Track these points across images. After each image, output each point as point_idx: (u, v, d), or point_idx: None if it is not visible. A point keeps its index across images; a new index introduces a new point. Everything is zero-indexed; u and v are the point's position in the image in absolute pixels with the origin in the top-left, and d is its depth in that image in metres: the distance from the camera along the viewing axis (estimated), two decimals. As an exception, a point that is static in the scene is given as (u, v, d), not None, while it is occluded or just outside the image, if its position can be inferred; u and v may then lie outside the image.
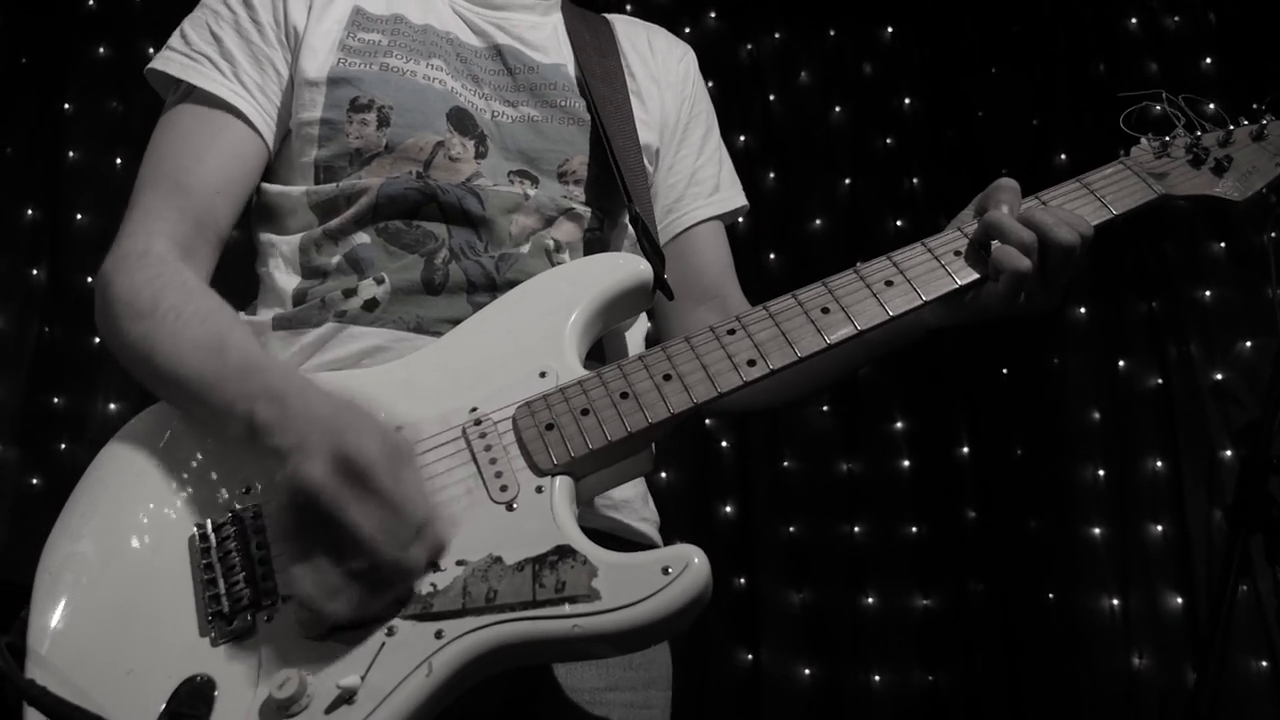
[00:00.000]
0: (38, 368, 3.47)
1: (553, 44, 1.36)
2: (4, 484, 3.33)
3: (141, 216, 1.16)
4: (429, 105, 1.22)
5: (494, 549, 0.94)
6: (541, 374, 1.06)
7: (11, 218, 3.61)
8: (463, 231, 1.19)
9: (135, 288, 1.10)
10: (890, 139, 3.89)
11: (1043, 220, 1.05)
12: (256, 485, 1.03)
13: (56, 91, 3.74)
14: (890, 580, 3.40)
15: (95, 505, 1.05)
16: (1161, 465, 3.35)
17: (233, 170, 1.20)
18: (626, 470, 1.07)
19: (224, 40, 1.22)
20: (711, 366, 1.05)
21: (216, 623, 0.95)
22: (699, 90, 1.46)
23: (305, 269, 1.21)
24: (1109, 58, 3.88)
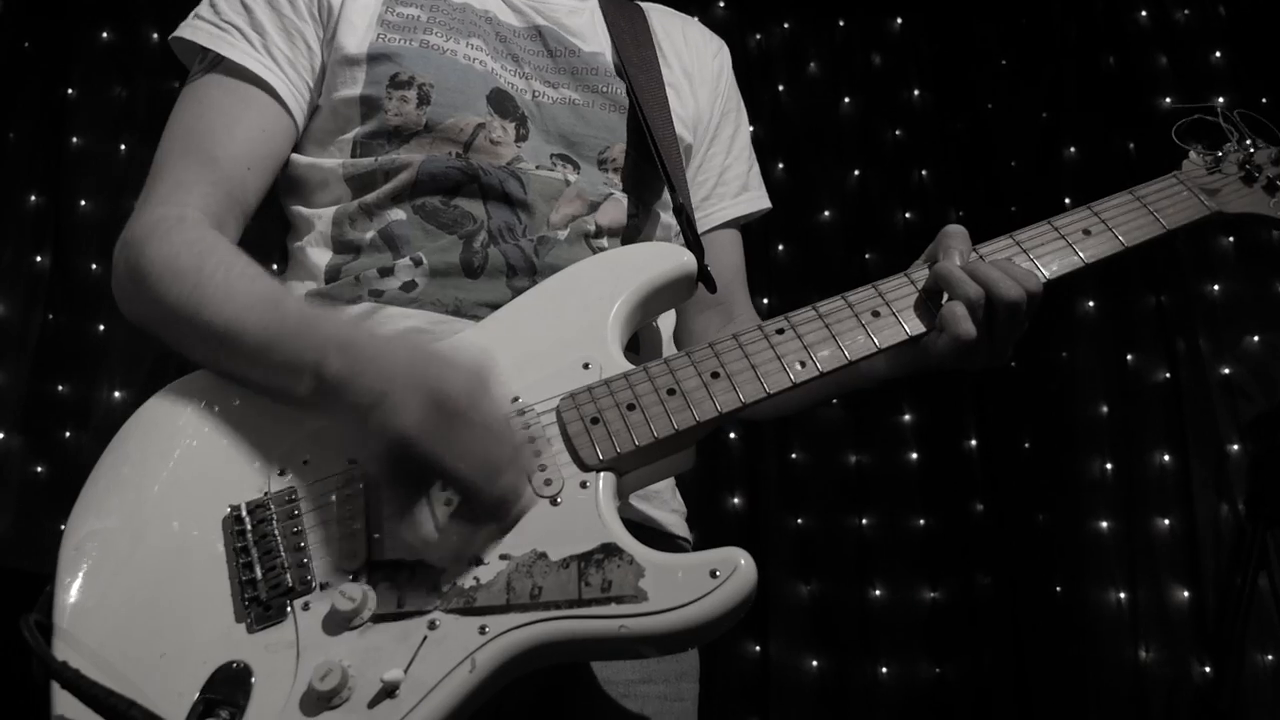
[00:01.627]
0: (42, 355, 3.45)
1: (590, 31, 1.34)
2: (8, 472, 3.32)
3: (173, 187, 1.13)
4: (470, 86, 1.21)
5: (538, 544, 0.93)
6: (585, 365, 1.04)
7: (15, 204, 3.58)
8: (502, 213, 1.17)
9: (174, 250, 1.06)
10: (899, 131, 3.88)
11: (989, 275, 1.03)
12: (290, 467, 1.01)
13: (60, 77, 3.71)
14: (898, 572, 3.40)
15: (121, 482, 1.02)
16: (1170, 459, 3.34)
17: (261, 146, 1.18)
18: (667, 467, 1.06)
19: (255, 11, 1.20)
20: (761, 366, 1.03)
21: (253, 609, 0.93)
22: (731, 87, 1.45)
23: (338, 243, 1.19)
24: (1118, 51, 3.86)
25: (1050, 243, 1.12)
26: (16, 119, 3.65)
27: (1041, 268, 1.09)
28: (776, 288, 3.60)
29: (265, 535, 0.96)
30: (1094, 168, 3.72)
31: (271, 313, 1.01)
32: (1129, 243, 1.12)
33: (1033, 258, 1.10)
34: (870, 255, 3.72)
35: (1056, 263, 1.10)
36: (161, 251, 1.06)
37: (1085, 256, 1.11)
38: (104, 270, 3.56)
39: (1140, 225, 1.13)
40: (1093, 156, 3.76)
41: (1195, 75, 3.83)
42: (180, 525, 0.99)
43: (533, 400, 1.02)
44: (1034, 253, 1.11)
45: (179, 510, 1.00)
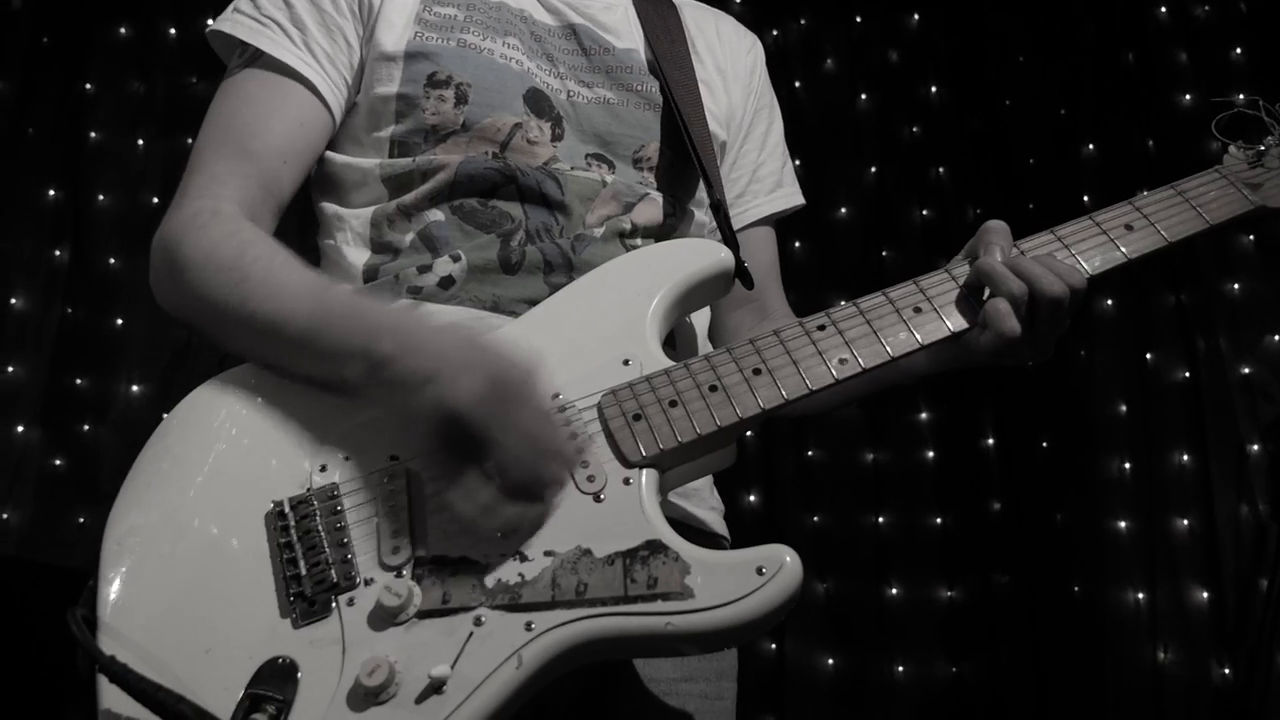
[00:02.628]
0: (60, 349, 3.47)
1: (625, 28, 1.34)
2: (27, 465, 3.34)
3: (208, 180, 1.13)
4: (507, 86, 1.21)
5: (582, 541, 0.93)
6: (625, 361, 1.04)
7: (34, 198, 3.61)
8: (539, 213, 1.18)
9: (214, 242, 1.06)
10: (916, 127, 3.86)
11: (1032, 271, 1.02)
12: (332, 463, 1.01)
13: (78, 72, 3.73)
14: (915, 571, 3.39)
15: (162, 476, 1.02)
16: (1189, 459, 3.33)
17: (298, 140, 1.18)
18: (709, 464, 1.06)
19: (296, 7, 1.20)
20: (803, 363, 1.03)
21: (298, 604, 0.93)
22: (764, 83, 1.45)
23: (376, 244, 1.19)
24: (1138, 47, 3.84)
25: (1092, 238, 1.11)
26: (35, 114, 3.67)
27: (1084, 264, 1.08)
28: (794, 285, 3.55)
29: (309, 531, 0.96)
30: (1113, 165, 3.70)
31: (317, 300, 1.01)
32: (1172, 238, 1.12)
33: (1075, 253, 1.09)
34: (887, 252, 3.71)
35: (1099, 258, 1.09)
36: (201, 244, 1.07)
37: (1128, 251, 1.10)
38: (122, 264, 3.58)
39: (1183, 220, 1.12)
40: (1112, 154, 3.74)
41: (1215, 72, 3.81)
42: (223, 520, 0.99)
43: (574, 397, 1.02)
44: (1075, 248, 1.10)
45: (221, 505, 1.00)
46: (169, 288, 1.10)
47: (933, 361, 1.12)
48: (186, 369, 3.38)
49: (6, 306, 3.48)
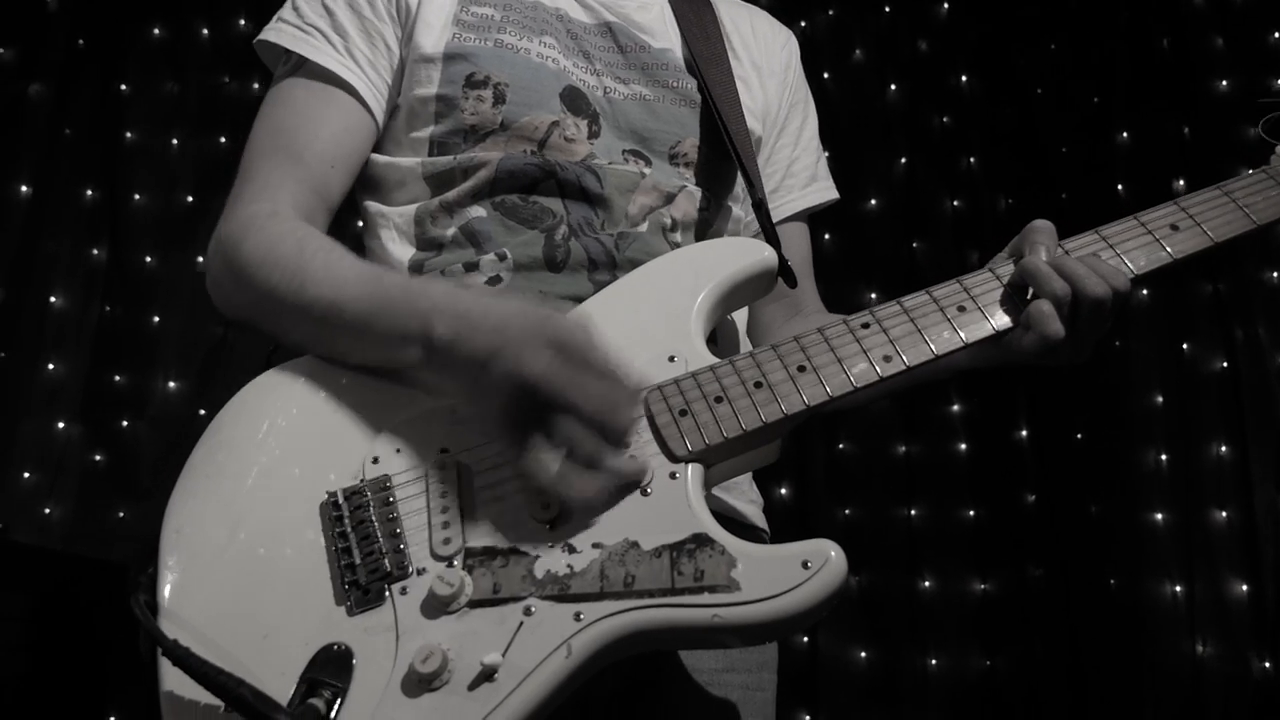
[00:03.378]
0: (99, 346, 3.53)
1: (660, 27, 1.34)
2: (69, 460, 3.40)
3: (262, 186, 1.15)
4: (543, 84, 1.22)
5: (630, 533, 0.94)
6: (671, 358, 1.04)
7: (73, 198, 3.67)
8: (579, 208, 1.19)
9: (273, 240, 1.09)
10: (947, 118, 3.84)
11: (1075, 271, 1.01)
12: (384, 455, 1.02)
13: (114, 73, 3.79)
14: (948, 564, 3.39)
15: (219, 467, 1.04)
16: (1227, 450, 3.29)
17: (345, 144, 1.20)
18: (753, 460, 1.06)
19: (336, 14, 1.22)
20: (847, 360, 1.03)
21: (352, 592, 0.94)
22: (799, 78, 1.45)
23: (420, 240, 1.21)
24: (1173, 32, 3.79)
25: (1137, 238, 1.10)
26: (73, 115, 3.73)
27: (1129, 263, 1.07)
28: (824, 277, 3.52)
29: (362, 521, 0.98)
30: (1147, 153, 3.65)
31: (374, 285, 1.03)
32: (1218, 238, 1.10)
33: (1120, 253, 1.07)
34: (918, 244, 3.69)
35: (1144, 258, 1.08)
36: (260, 243, 1.09)
37: (1173, 251, 1.09)
38: (158, 262, 3.63)
39: (1229, 221, 1.11)
40: (1146, 142, 3.69)
41: (1253, 56, 3.75)
42: (278, 510, 1.01)
43: None
44: (1121, 248, 1.08)
45: (276, 496, 1.01)
46: (230, 289, 1.13)
47: (973, 359, 1.11)
48: (222, 365, 3.44)
49: (47, 305, 3.54)
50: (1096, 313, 1.01)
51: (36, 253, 3.58)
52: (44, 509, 3.32)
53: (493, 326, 0.94)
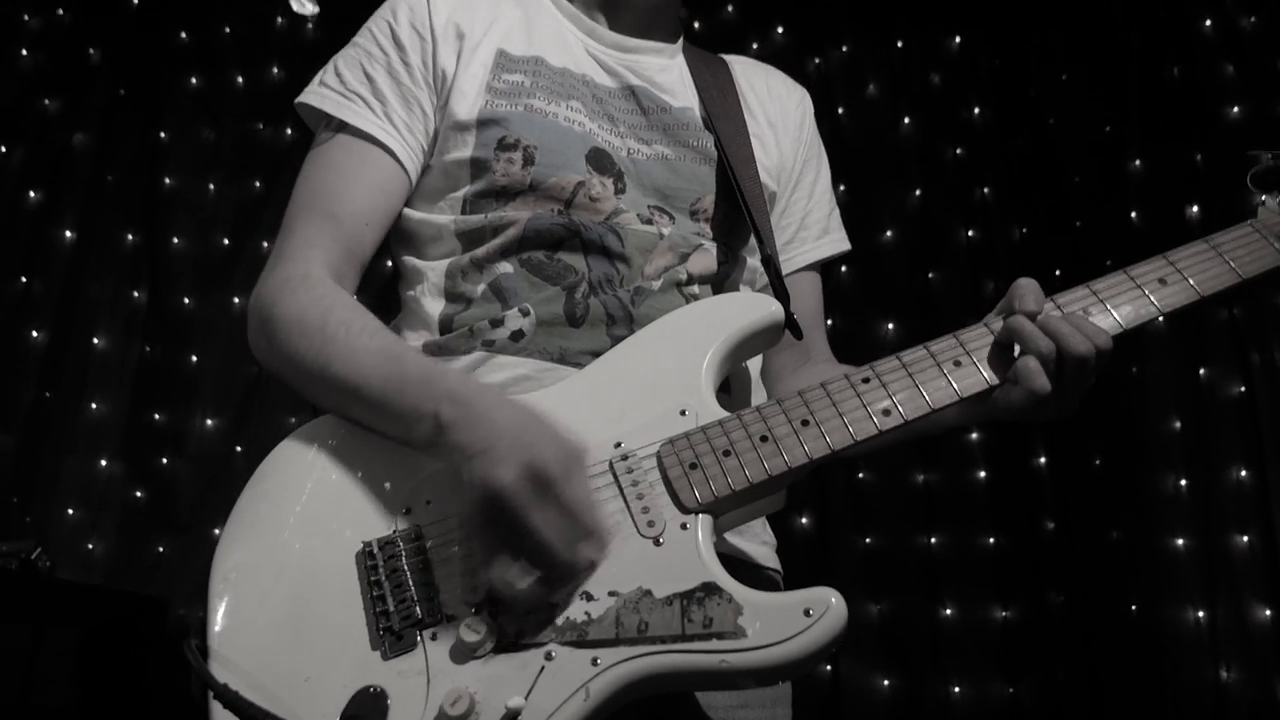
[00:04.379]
0: (139, 386, 3.66)
1: (680, 87, 1.41)
2: (110, 497, 3.51)
3: (300, 244, 1.23)
4: (570, 146, 1.28)
5: (643, 582, 1.00)
6: (682, 412, 1.10)
7: (114, 243, 3.81)
8: (601, 265, 1.25)
9: (303, 308, 1.15)
10: (960, 149, 3.89)
11: (1060, 329, 1.06)
12: (415, 507, 1.09)
13: (153, 121, 3.95)
14: (969, 591, 3.41)
15: (261, 518, 1.10)
16: (1246, 474, 3.29)
17: (379, 203, 1.27)
18: (760, 508, 1.12)
19: (376, 80, 1.29)
20: (848, 414, 1.09)
21: (386, 638, 1.01)
22: (813, 135, 1.51)
23: (450, 294, 1.28)
24: (1183, 60, 3.81)
25: (1127, 292, 1.14)
26: (114, 163, 3.89)
27: (1119, 318, 1.12)
28: (840, 309, 3.64)
29: (396, 570, 1.04)
30: (1160, 181, 3.67)
31: (393, 366, 1.10)
32: (1205, 292, 1.14)
33: (1109, 307, 1.12)
34: (934, 275, 3.74)
35: (1134, 312, 1.13)
36: (291, 308, 1.16)
37: (1161, 306, 1.13)
38: (196, 304, 3.76)
39: (1216, 274, 1.14)
40: (1159, 169, 3.71)
41: (1264, 83, 3.76)
42: (318, 559, 1.07)
43: (635, 446, 1.09)
44: (1110, 302, 1.13)
45: (316, 545, 1.08)
46: (264, 345, 1.19)
47: (961, 415, 1.16)
48: (258, 403, 3.54)
49: (90, 346, 3.68)
50: (1080, 369, 1.06)
51: (80, 296, 3.72)
52: (87, 545, 3.44)
53: (487, 429, 1.00)
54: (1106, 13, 3.91)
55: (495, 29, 1.35)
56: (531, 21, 1.39)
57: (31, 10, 4.11)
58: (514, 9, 1.39)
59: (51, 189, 3.86)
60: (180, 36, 4.07)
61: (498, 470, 0.96)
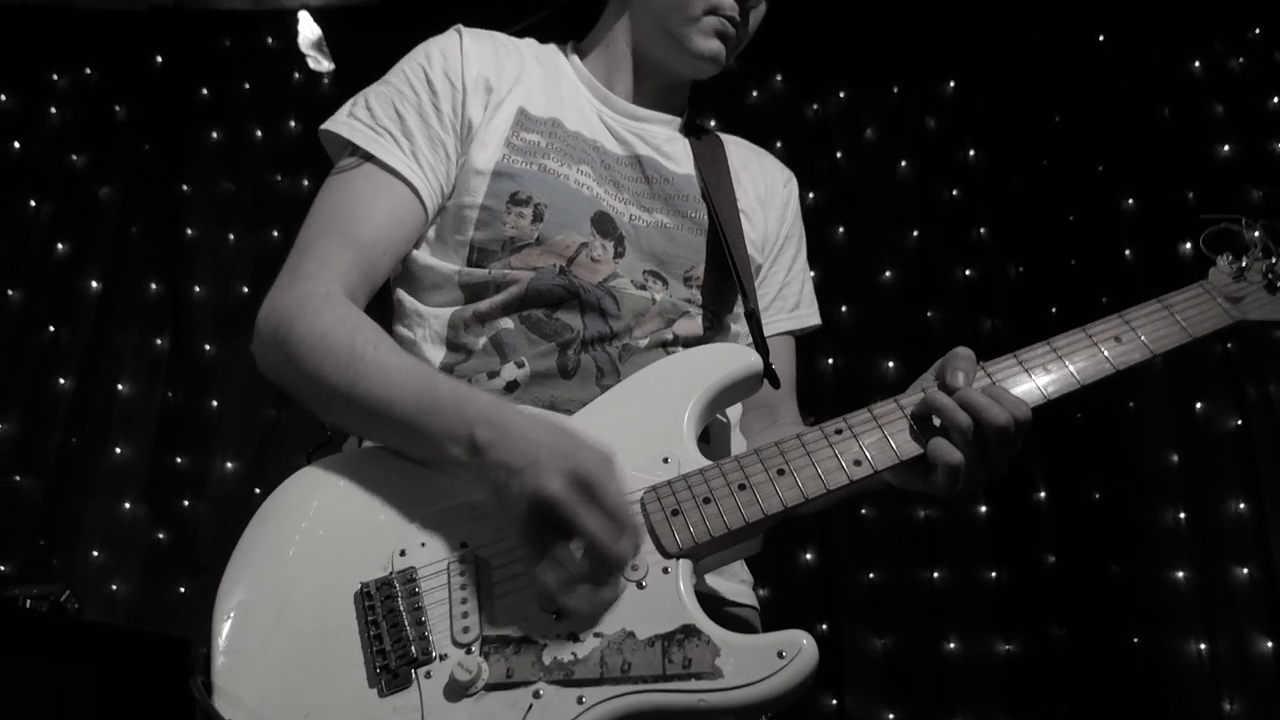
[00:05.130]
0: (162, 430, 3.77)
1: (682, 158, 1.50)
2: (134, 539, 3.62)
3: (318, 264, 1.26)
4: (577, 208, 1.37)
5: (626, 624, 1.07)
6: (665, 460, 1.17)
7: (138, 292, 3.95)
8: (596, 324, 1.33)
9: (327, 325, 1.18)
10: (956, 190, 3.96)
11: (978, 402, 1.10)
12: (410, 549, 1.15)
13: (176, 174, 4.10)
14: (971, 625, 3.43)
15: (264, 559, 1.16)
16: (1245, 507, 3.34)
17: (398, 235, 1.34)
18: (738, 552, 1.19)
19: (407, 119, 1.34)
20: (822, 464, 1.15)
21: (383, 676, 1.06)
22: (796, 215, 1.61)
23: (451, 344, 1.34)
24: (1173, 101, 3.91)
25: (1084, 349, 1.20)
26: (139, 214, 4.05)
27: (1043, 387, 1.17)
28: (840, 348, 3.72)
29: (392, 610, 1.10)
30: (1153, 219, 3.75)
31: (425, 386, 1.13)
32: (1156, 350, 1.19)
33: (1033, 376, 1.18)
34: (932, 313, 3.80)
35: (1091, 368, 1.18)
36: (315, 326, 1.18)
37: (1116, 363, 1.19)
38: (216, 351, 3.88)
39: (1167, 333, 1.20)
40: (1151, 207, 3.79)
41: (1253, 121, 3.85)
42: (317, 598, 1.13)
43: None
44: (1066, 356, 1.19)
45: (315, 585, 1.14)
46: (279, 359, 1.21)
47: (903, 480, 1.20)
48: (275, 447, 3.64)
49: (115, 392, 3.80)
50: (1001, 438, 1.11)
51: (105, 343, 3.86)
52: (111, 585, 3.53)
53: (526, 445, 1.06)
54: (1096, 57, 4.01)
55: (519, 87, 1.43)
56: (552, 84, 1.47)
57: (60, 69, 4.30)
58: (537, 68, 1.47)
59: (79, 241, 4.02)
60: (202, 93, 4.23)
61: (544, 480, 1.02)
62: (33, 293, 3.95)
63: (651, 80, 1.51)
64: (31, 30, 4.30)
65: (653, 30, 1.47)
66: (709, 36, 1.44)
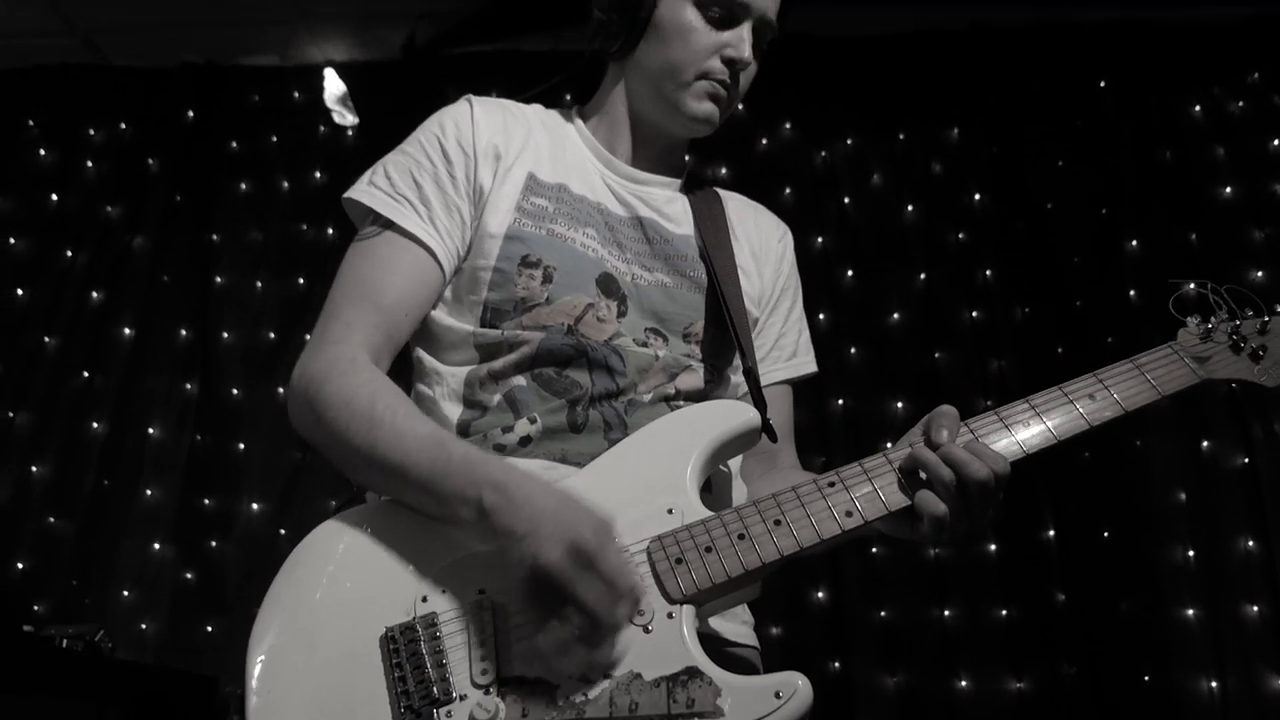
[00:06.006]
0: (191, 472, 3.87)
1: (681, 218, 1.59)
2: (163, 579, 3.71)
3: (344, 328, 1.33)
4: (583, 270, 1.45)
5: (634, 666, 1.15)
6: (669, 510, 1.25)
7: (169, 338, 4.08)
8: (603, 380, 1.41)
9: (351, 390, 1.26)
10: (962, 234, 4.03)
11: (960, 458, 1.17)
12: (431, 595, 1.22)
13: (205, 224, 4.24)
14: (983, 663, 3.46)
15: (295, 601, 1.24)
16: (1253, 545, 3.38)
17: (419, 296, 1.42)
18: (738, 597, 1.27)
19: (424, 187, 1.42)
20: (815, 515, 1.23)
21: (407, 715, 1.13)
22: (791, 268, 1.69)
23: (468, 401, 1.43)
24: (1174, 144, 4.00)
25: (1059, 406, 1.27)
26: (170, 263, 4.19)
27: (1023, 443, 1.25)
28: (850, 389, 3.78)
29: (415, 653, 1.18)
30: (1156, 260, 3.82)
31: (438, 451, 1.21)
32: (1128, 407, 1.26)
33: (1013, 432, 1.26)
34: (940, 354, 3.86)
35: (1067, 425, 1.25)
36: (341, 390, 1.26)
37: (1090, 419, 1.26)
38: (244, 395, 3.99)
39: (1138, 391, 1.27)
40: (1155, 249, 3.86)
41: (1253, 164, 3.93)
42: (345, 642, 1.21)
43: (628, 541, 1.23)
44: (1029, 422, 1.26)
45: (343, 629, 1.22)
46: (310, 420, 1.29)
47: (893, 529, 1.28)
48: (300, 488, 3.74)
49: (145, 436, 3.92)
50: (982, 491, 1.19)
51: (137, 389, 3.98)
52: (141, 625, 3.62)
53: (529, 512, 1.14)
54: (1097, 102, 4.11)
55: (527, 153, 1.49)
56: (559, 149, 1.56)
57: (96, 125, 4.49)
58: (544, 135, 1.54)
59: (112, 289, 4.17)
60: (231, 145, 4.39)
61: (544, 549, 1.10)
62: (68, 339, 4.09)
63: (650, 144, 1.59)
64: (70, 88, 4.50)
65: (648, 95, 1.55)
66: (701, 99, 1.51)
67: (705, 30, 1.49)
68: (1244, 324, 1.33)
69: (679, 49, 1.49)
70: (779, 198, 4.07)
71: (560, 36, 4.04)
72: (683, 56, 1.49)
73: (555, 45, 4.07)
